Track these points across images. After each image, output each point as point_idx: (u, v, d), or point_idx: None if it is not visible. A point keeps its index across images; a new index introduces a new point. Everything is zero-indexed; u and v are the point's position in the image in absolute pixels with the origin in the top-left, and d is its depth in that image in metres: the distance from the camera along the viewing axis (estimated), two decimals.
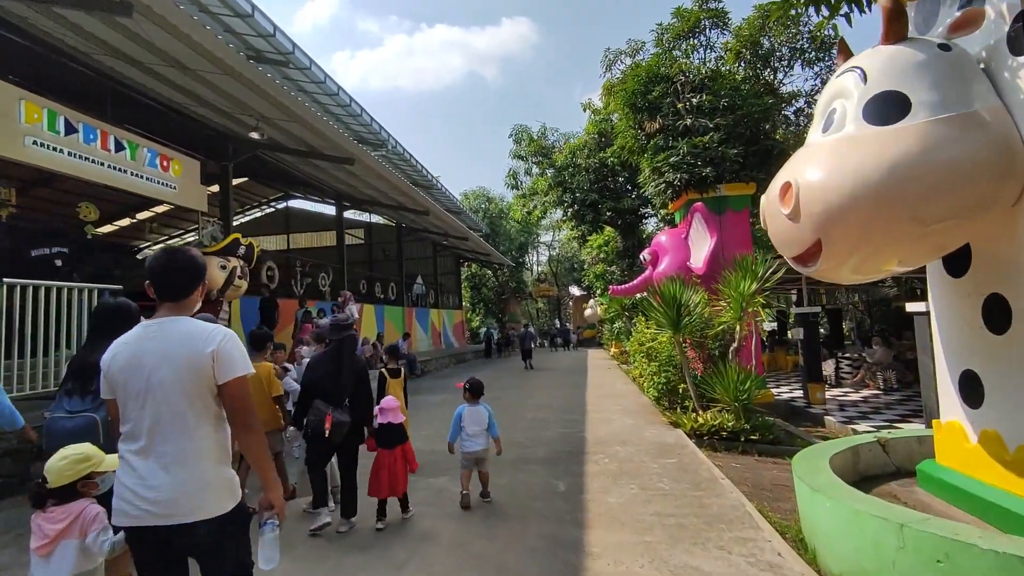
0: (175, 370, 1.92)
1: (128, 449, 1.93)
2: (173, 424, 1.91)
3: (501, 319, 39.50)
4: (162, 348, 1.95)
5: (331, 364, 4.32)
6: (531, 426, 8.36)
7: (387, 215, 22.84)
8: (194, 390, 1.94)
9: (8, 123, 7.72)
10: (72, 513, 2.15)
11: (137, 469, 1.90)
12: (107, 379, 2.00)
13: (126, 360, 1.97)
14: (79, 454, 2.22)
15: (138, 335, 2.01)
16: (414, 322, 24.03)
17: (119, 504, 1.91)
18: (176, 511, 1.87)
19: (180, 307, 2.05)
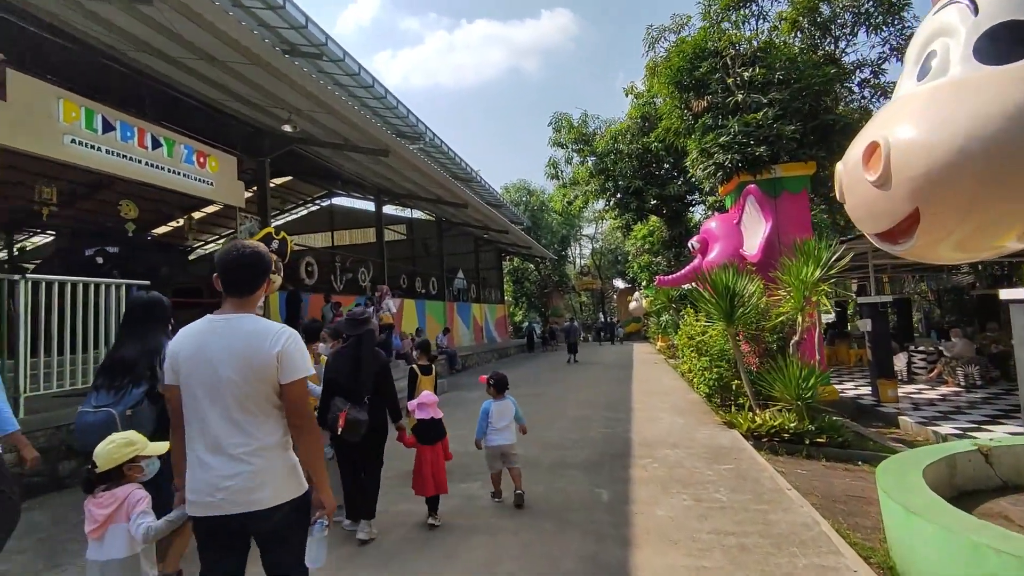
0: (240, 367, 1.94)
1: (198, 442, 1.97)
2: (241, 418, 1.94)
3: (544, 313, 38.99)
4: (228, 344, 1.96)
5: (349, 361, 4.06)
6: (572, 425, 7.88)
7: (426, 209, 22.70)
8: (258, 386, 1.96)
9: (47, 122, 7.76)
10: (119, 498, 2.20)
11: (207, 461, 1.94)
12: (172, 367, 2.03)
13: (192, 352, 1.99)
14: (124, 438, 2.28)
15: (203, 328, 2.02)
16: (455, 317, 23.86)
17: (193, 496, 1.95)
18: (255, 498, 1.91)
19: (245, 303, 2.06)
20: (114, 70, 8.94)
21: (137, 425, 2.69)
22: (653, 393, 10.90)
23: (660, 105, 14.20)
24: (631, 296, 33.79)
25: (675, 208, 18.93)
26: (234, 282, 2.05)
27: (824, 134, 9.91)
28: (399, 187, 17.78)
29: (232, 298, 2.05)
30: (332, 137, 12.24)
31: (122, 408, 2.78)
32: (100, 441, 2.38)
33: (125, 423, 2.73)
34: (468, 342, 24.91)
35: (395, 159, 13.13)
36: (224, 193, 11.13)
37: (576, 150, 19.67)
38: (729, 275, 7.88)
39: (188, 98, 10.16)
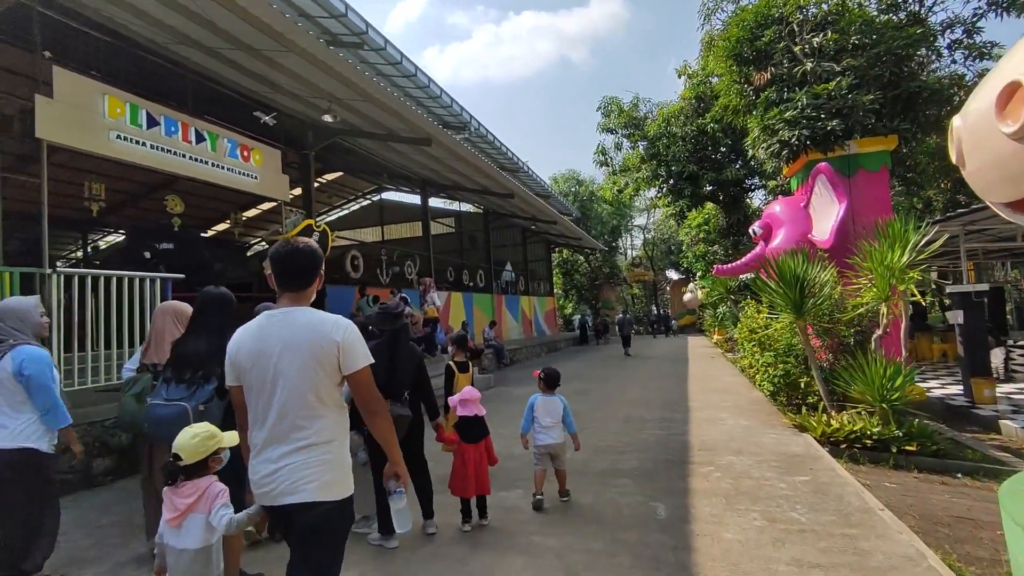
0: (300, 359, 1.96)
1: (259, 434, 2.00)
2: (298, 410, 1.96)
3: (594, 305, 38.18)
4: (287, 337, 1.98)
5: (384, 357, 3.73)
6: (624, 426, 7.33)
7: (472, 200, 22.40)
8: (318, 378, 1.97)
9: (93, 118, 7.81)
10: (200, 489, 2.27)
11: (267, 454, 1.97)
12: (233, 366, 2.06)
13: (251, 348, 2.01)
14: (207, 432, 2.33)
15: (262, 324, 2.04)
16: (503, 310, 23.53)
17: (256, 487, 2.00)
18: (302, 489, 1.92)
19: (300, 297, 2.08)
20: (157, 65, 8.96)
21: (209, 420, 2.73)
22: (711, 390, 10.16)
23: (717, 83, 13.29)
24: (685, 287, 32.59)
25: (733, 193, 17.83)
26: (289, 277, 2.08)
27: (907, 104, 8.88)
28: (444, 178, 17.52)
29: (288, 293, 2.08)
30: (374, 127, 12.04)
31: (195, 403, 2.85)
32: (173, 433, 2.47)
33: (197, 418, 2.79)
34: (516, 335, 24.55)
35: (438, 148, 12.81)
36: (269, 187, 11.10)
37: (626, 135, 18.80)
38: (798, 262, 7.11)
39: (231, 91, 10.13)
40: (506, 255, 27.25)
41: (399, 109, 10.06)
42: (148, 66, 8.90)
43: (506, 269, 25.81)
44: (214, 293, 3.26)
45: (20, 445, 2.96)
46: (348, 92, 9.82)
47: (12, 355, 3.02)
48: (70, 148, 7.78)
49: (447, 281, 20.19)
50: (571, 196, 36.16)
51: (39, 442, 3.03)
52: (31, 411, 3.02)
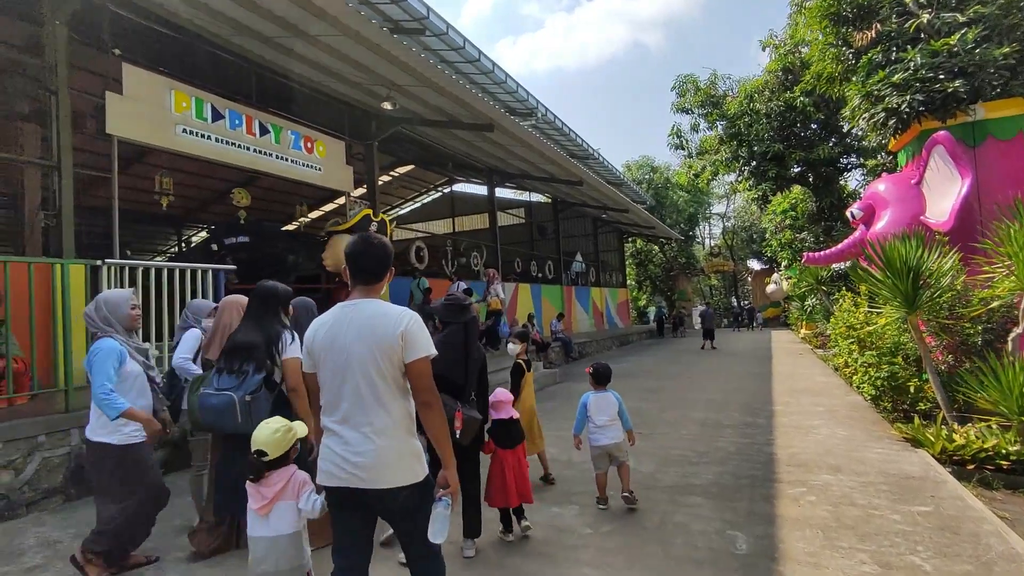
0: (369, 348, 2.05)
1: (331, 419, 2.10)
2: (369, 397, 2.04)
3: (670, 297, 36.61)
4: (357, 327, 2.08)
5: (454, 352, 3.38)
6: (698, 432, 6.59)
7: (540, 189, 21.84)
8: (385, 367, 2.05)
9: (161, 113, 7.97)
10: (284, 477, 2.38)
11: (342, 436, 2.05)
12: (309, 354, 2.18)
13: (325, 337, 2.12)
14: (285, 426, 2.45)
15: (336, 315, 2.15)
16: (573, 301, 22.91)
17: (326, 466, 2.09)
18: (379, 477, 2.01)
19: (372, 289, 2.18)
20: (222, 59, 9.04)
21: (255, 411, 2.87)
22: (800, 391, 9.12)
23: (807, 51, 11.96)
24: (768, 278, 30.51)
25: (824, 174, 16.17)
26: (362, 270, 2.18)
27: None
28: (510, 166, 17.08)
29: (360, 285, 2.18)
30: (435, 115, 11.76)
31: (242, 393, 2.90)
32: (220, 422, 2.88)
33: (244, 408, 2.88)
34: (587, 328, 23.87)
35: (501, 134, 12.36)
36: (333, 178, 11.09)
37: (703, 115, 17.48)
38: (910, 248, 6.06)
39: (294, 83, 10.12)
40: (576, 246, 26.54)
41: (459, 93, 9.68)
42: (214, 60, 8.99)
43: (576, 260, 25.12)
44: (267, 286, 3.28)
45: (94, 439, 3.13)
46: (407, 78, 9.55)
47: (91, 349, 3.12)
48: (138, 143, 7.99)
49: (515, 272, 19.83)
50: (645, 184, 34.76)
51: (110, 435, 3.10)
52: None
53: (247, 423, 2.78)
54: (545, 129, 16.77)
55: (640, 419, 7.21)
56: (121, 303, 3.24)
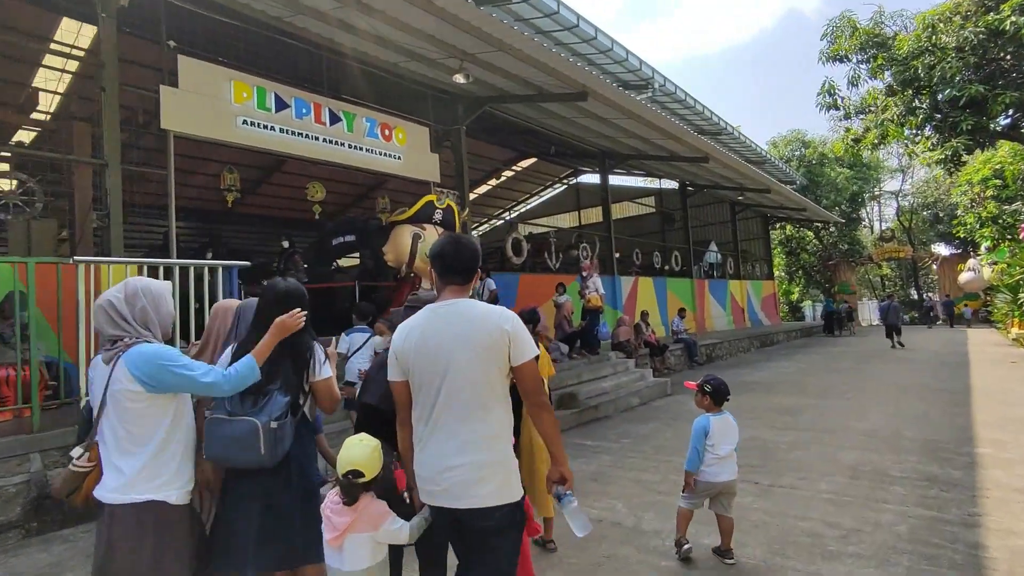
0: (471, 352, 1.93)
1: (424, 430, 1.97)
2: (468, 406, 1.92)
3: (828, 289, 31.63)
4: (456, 330, 1.95)
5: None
6: (848, 487, 4.50)
7: (659, 170, 19.53)
8: (489, 372, 1.94)
9: (220, 105, 7.59)
10: (357, 509, 2.10)
11: (434, 450, 1.93)
12: (399, 361, 2.03)
13: (418, 343, 1.99)
14: (376, 443, 2.16)
15: (428, 317, 2.03)
16: (706, 296, 20.38)
17: (419, 482, 1.98)
18: (474, 494, 1.87)
19: (462, 289, 2.07)
20: (284, 44, 8.55)
21: (279, 440, 2.22)
22: (1020, 422, 6.37)
23: None
24: (962, 264, 24.91)
25: None
26: (452, 271, 2.06)
27: None
28: (622, 146, 15.24)
29: (450, 286, 2.06)
30: (521, 88, 10.44)
31: (266, 419, 2.22)
32: (241, 455, 2.17)
33: (268, 437, 2.19)
34: (724, 326, 21.12)
35: (605, 107, 10.72)
36: (415, 167, 10.29)
37: (864, 60, 13.96)
38: None
39: (366, 66, 9.42)
40: (711, 234, 23.74)
41: (540, 56, 8.27)
42: (277, 47, 8.57)
43: (710, 250, 22.39)
44: (281, 287, 2.51)
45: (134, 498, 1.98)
46: (480, 45, 8.36)
47: (125, 360, 2.02)
48: (195, 138, 7.71)
49: (634, 265, 17.92)
50: (795, 161, 30.37)
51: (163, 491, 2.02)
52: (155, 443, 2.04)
53: (271, 455, 2.17)
54: (665, 102, 14.70)
55: (759, 458, 5.29)
56: (166, 296, 2.26)
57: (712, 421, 3.30)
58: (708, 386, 3.37)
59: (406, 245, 7.22)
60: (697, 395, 3.41)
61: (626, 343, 10.86)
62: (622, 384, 8.84)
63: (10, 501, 3.87)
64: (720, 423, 3.31)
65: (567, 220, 25.97)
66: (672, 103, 14.84)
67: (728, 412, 3.40)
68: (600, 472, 5.16)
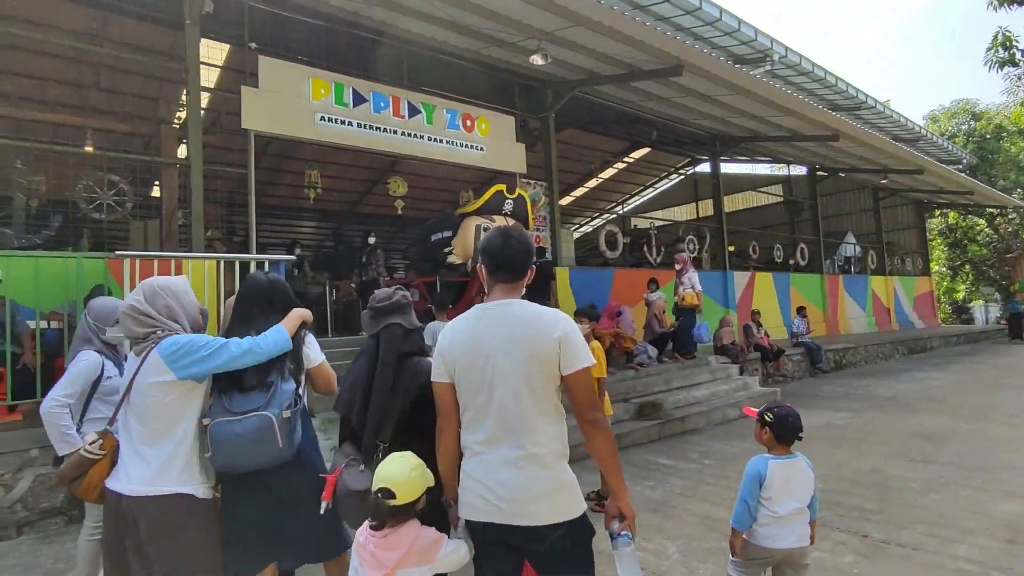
0: (519, 357, 1.78)
1: (474, 440, 1.84)
2: (518, 416, 1.77)
3: (1005, 287, 26.62)
4: (505, 332, 1.81)
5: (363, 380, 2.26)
6: (1002, 551, 3.30)
7: (781, 154, 17.42)
8: (538, 379, 1.78)
9: (299, 103, 7.74)
10: (407, 538, 1.79)
11: (486, 462, 1.79)
12: (445, 362, 1.89)
13: (466, 344, 1.85)
14: (421, 464, 1.85)
15: (476, 317, 1.90)
16: (840, 294, 18.01)
17: (467, 496, 1.82)
18: (527, 511, 1.72)
19: (513, 288, 1.91)
20: (365, 40, 8.54)
21: (294, 429, 2.10)
22: None
23: None
24: None
25: None
26: (501, 266, 1.90)
27: None
28: (734, 127, 13.72)
29: (500, 284, 1.91)
30: (612, 68, 9.63)
31: (277, 410, 2.09)
32: (255, 456, 2.00)
33: (284, 428, 2.06)
34: (864, 328, 18.50)
35: (698, 77, 9.58)
36: (499, 159, 9.95)
37: None
38: None
39: (446, 56, 9.18)
40: (847, 224, 20.94)
41: (617, 25, 7.48)
42: (355, 42, 8.57)
43: (846, 242, 19.73)
44: (261, 281, 2.45)
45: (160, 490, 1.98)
46: (558, 21, 7.74)
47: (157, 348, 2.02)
48: (276, 136, 7.91)
49: (751, 259, 16.20)
50: (961, 137, 25.91)
51: (188, 484, 2.01)
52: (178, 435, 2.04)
53: (289, 448, 2.06)
54: (788, 76, 12.99)
55: (875, 500, 4.18)
56: (186, 289, 2.29)
57: (771, 466, 2.41)
58: (770, 415, 2.45)
59: (472, 238, 6.84)
60: (756, 426, 2.54)
61: (730, 346, 9.65)
62: (719, 393, 7.77)
63: (54, 488, 4.00)
64: (783, 469, 2.41)
65: (683, 213, 24.28)
66: (796, 76, 13.07)
67: (801, 455, 2.49)
68: (665, 501, 4.36)
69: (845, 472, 4.92)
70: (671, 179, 23.88)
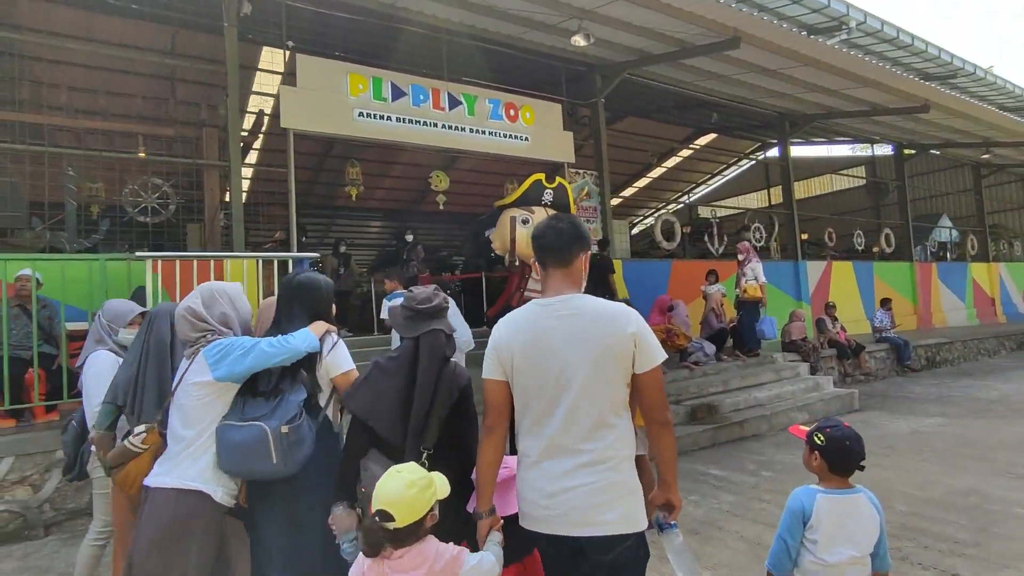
0: (592, 355, 1.66)
1: (534, 445, 1.71)
2: (588, 418, 1.66)
3: None
4: (574, 328, 1.69)
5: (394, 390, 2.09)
6: None
7: (860, 132, 15.88)
8: (612, 378, 1.68)
9: (337, 99, 7.69)
10: (426, 558, 1.61)
11: (548, 469, 1.67)
12: (501, 360, 1.76)
13: (527, 341, 1.73)
14: (424, 479, 1.64)
15: (537, 314, 1.76)
16: (935, 284, 16.33)
17: (526, 506, 1.72)
18: (594, 520, 1.61)
19: (568, 275, 1.78)
20: (402, 32, 8.37)
21: (295, 445, 2.03)
22: None
23: None
24: None
25: None
26: (547, 248, 1.80)
27: None
28: (806, 104, 12.58)
29: (552, 270, 1.79)
30: (662, 45, 8.98)
31: (276, 423, 2.06)
32: (248, 465, 1.99)
33: (280, 442, 2.02)
34: (963, 321, 16.68)
35: (758, 49, 8.78)
36: (545, 148, 9.57)
37: None
38: None
39: (487, 44, 8.87)
40: (941, 206, 19.00)
41: None
42: (393, 36, 8.42)
43: (940, 226, 17.87)
44: (299, 279, 2.42)
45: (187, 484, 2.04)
46: None
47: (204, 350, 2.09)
48: (315, 135, 7.88)
49: (828, 247, 14.93)
50: None
51: (210, 484, 2.06)
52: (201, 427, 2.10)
53: (286, 463, 2.01)
54: (868, 45, 11.76)
55: (969, 527, 3.50)
56: (241, 294, 2.36)
57: (820, 501, 1.89)
58: (821, 436, 1.93)
59: (508, 230, 6.51)
60: (805, 450, 2.01)
61: (801, 342, 8.79)
62: (784, 395, 7.04)
63: (81, 489, 4.03)
64: (837, 506, 1.89)
65: (755, 200, 22.84)
66: (878, 44, 11.78)
67: (864, 490, 1.94)
68: (710, 520, 3.86)
69: (934, 492, 4.20)
70: (741, 165, 22.54)
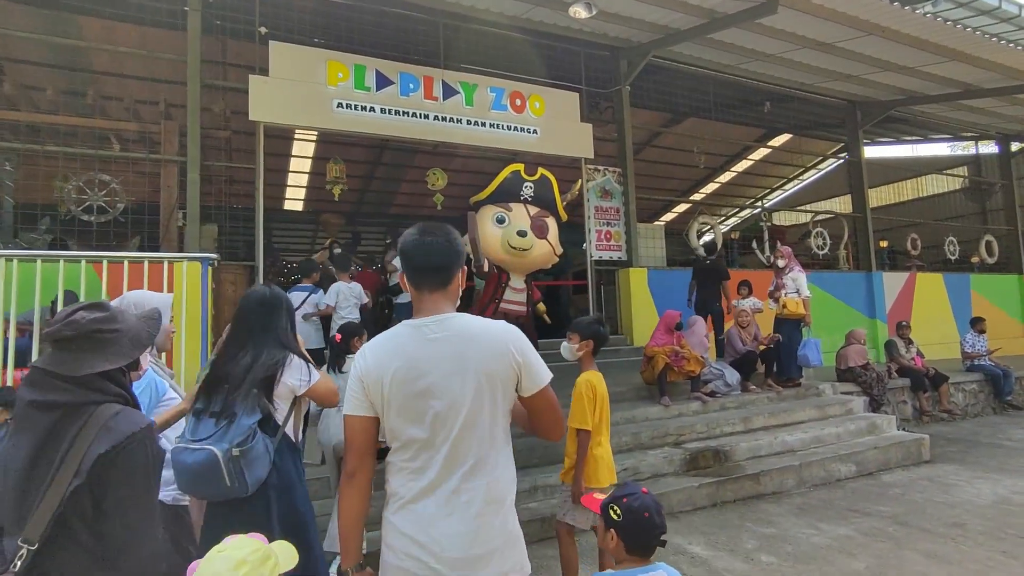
0: (475, 382, 1.46)
1: (408, 485, 1.47)
2: (477, 449, 1.47)
3: None
4: (451, 352, 1.48)
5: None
6: None
7: (958, 123, 13.57)
8: (498, 409, 1.50)
9: (314, 90, 7.07)
10: None
11: (421, 514, 1.44)
12: (368, 392, 1.49)
13: (400, 369, 1.46)
14: (258, 555, 1.34)
15: (407, 336, 1.52)
16: None
17: (400, 561, 1.43)
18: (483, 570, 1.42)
19: (444, 296, 1.55)
20: (394, 17, 7.63)
21: (248, 468, 1.97)
22: None
23: None
24: None
25: None
26: (419, 269, 1.54)
27: None
28: (880, 88, 10.77)
29: (426, 293, 1.54)
30: (688, 18, 7.72)
31: (226, 445, 1.97)
32: (200, 489, 2.03)
33: (231, 466, 1.95)
34: None
35: (804, 13, 7.34)
36: (558, 142, 8.58)
37: None
38: None
39: (493, 28, 7.96)
40: None
41: None
42: (390, 24, 7.68)
43: None
44: (257, 293, 2.35)
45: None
46: None
47: None
48: (287, 127, 7.26)
49: (911, 258, 12.85)
50: None
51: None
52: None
53: (240, 484, 1.93)
54: (961, 18, 9.86)
55: None
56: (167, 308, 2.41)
57: None
58: (616, 510, 1.65)
59: (489, 230, 5.54)
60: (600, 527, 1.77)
61: (860, 369, 7.18)
62: (826, 438, 5.55)
63: None
64: None
65: (838, 205, 20.51)
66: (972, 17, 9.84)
67: (665, 566, 1.63)
68: None
69: None
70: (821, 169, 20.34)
